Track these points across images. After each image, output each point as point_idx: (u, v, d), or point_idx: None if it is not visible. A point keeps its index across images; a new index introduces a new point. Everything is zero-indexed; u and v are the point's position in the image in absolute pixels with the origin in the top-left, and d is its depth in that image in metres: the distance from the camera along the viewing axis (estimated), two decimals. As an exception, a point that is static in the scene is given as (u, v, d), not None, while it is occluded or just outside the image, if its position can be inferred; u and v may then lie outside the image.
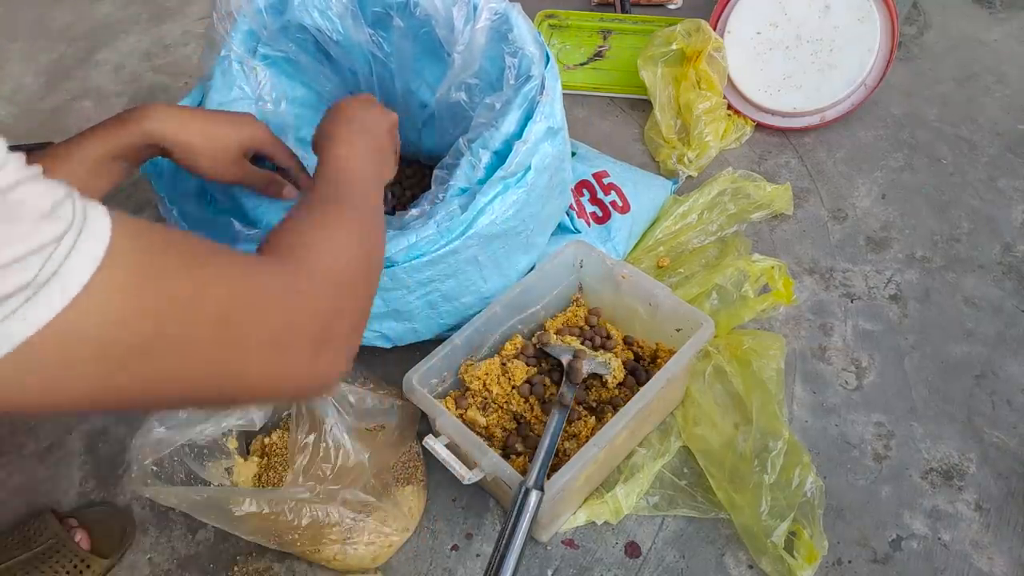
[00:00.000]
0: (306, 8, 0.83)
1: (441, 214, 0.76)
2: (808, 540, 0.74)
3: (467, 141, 0.79)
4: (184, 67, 1.53)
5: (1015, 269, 1.01)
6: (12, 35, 1.65)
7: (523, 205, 0.79)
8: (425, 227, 0.75)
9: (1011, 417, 0.86)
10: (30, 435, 0.93)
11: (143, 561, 0.81)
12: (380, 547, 0.76)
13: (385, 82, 0.96)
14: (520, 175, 0.78)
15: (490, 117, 0.78)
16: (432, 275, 0.78)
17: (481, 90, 0.84)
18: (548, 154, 0.80)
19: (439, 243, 0.76)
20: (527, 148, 0.77)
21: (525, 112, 0.78)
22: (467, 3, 0.80)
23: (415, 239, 0.75)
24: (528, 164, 0.78)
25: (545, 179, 0.81)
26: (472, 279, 0.82)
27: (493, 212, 0.77)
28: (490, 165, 0.78)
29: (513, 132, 0.77)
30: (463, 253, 0.78)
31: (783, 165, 1.18)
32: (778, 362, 0.86)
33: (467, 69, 0.82)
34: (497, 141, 0.77)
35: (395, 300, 0.79)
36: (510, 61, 0.79)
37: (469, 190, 0.78)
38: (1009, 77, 1.31)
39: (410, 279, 0.77)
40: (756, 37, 1.17)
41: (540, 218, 0.85)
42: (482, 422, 0.79)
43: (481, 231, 0.77)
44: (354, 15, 0.85)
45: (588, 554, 0.78)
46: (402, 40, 0.88)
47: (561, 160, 0.84)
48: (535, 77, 0.78)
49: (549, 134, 0.79)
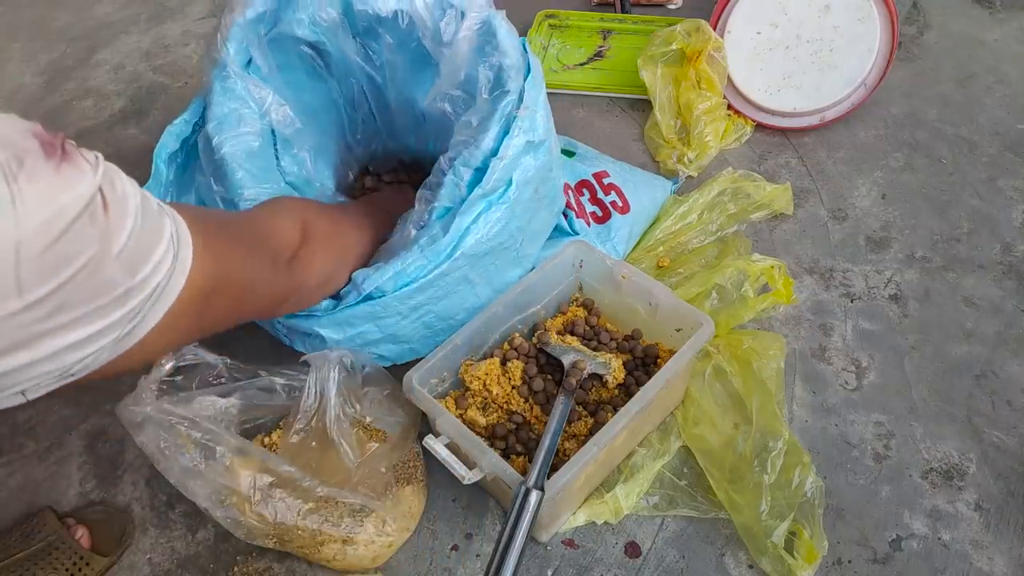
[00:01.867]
0: (296, 21, 0.83)
1: (424, 238, 0.76)
2: (808, 540, 0.74)
3: (448, 160, 0.78)
4: (184, 67, 1.53)
5: (1015, 269, 1.01)
6: (12, 35, 1.65)
7: (508, 220, 0.78)
8: (410, 253, 0.75)
9: (1011, 417, 0.86)
10: (30, 435, 0.93)
11: (143, 561, 0.81)
12: (380, 547, 0.76)
13: (378, 91, 0.96)
14: (502, 191, 0.78)
15: (468, 134, 0.78)
16: (424, 299, 0.78)
17: (464, 102, 0.83)
18: (531, 167, 0.79)
19: (427, 268, 0.76)
20: (505, 164, 0.76)
21: (503, 127, 0.77)
22: (455, 13, 0.79)
23: (401, 267, 0.75)
24: (508, 179, 0.77)
25: (529, 192, 0.80)
26: (465, 297, 0.82)
27: (478, 231, 0.77)
28: (471, 182, 0.77)
29: (492, 148, 0.76)
30: (452, 274, 0.78)
31: (783, 165, 1.18)
32: (778, 362, 0.86)
33: (452, 79, 0.82)
34: (477, 159, 0.76)
35: (390, 327, 0.79)
36: (484, 75, 0.78)
37: (452, 209, 0.77)
38: (1009, 77, 1.31)
39: (402, 306, 0.77)
40: (756, 37, 1.17)
41: (528, 231, 0.84)
42: (482, 422, 0.79)
43: (468, 251, 0.77)
44: (343, 28, 0.85)
45: (588, 554, 0.78)
46: (393, 52, 0.88)
47: (547, 170, 0.83)
48: (511, 92, 0.77)
49: (530, 148, 0.78)
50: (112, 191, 0.43)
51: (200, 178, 0.86)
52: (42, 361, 0.41)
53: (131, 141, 1.35)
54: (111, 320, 0.43)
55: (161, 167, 0.86)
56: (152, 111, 1.42)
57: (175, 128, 0.88)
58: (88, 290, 0.41)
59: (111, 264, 0.42)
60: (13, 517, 0.83)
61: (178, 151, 0.88)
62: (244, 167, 0.82)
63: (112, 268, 0.42)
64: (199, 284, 0.50)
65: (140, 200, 0.45)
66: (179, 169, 0.89)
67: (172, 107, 1.42)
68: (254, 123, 0.84)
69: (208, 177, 0.83)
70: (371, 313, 0.77)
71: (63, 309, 0.40)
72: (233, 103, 0.83)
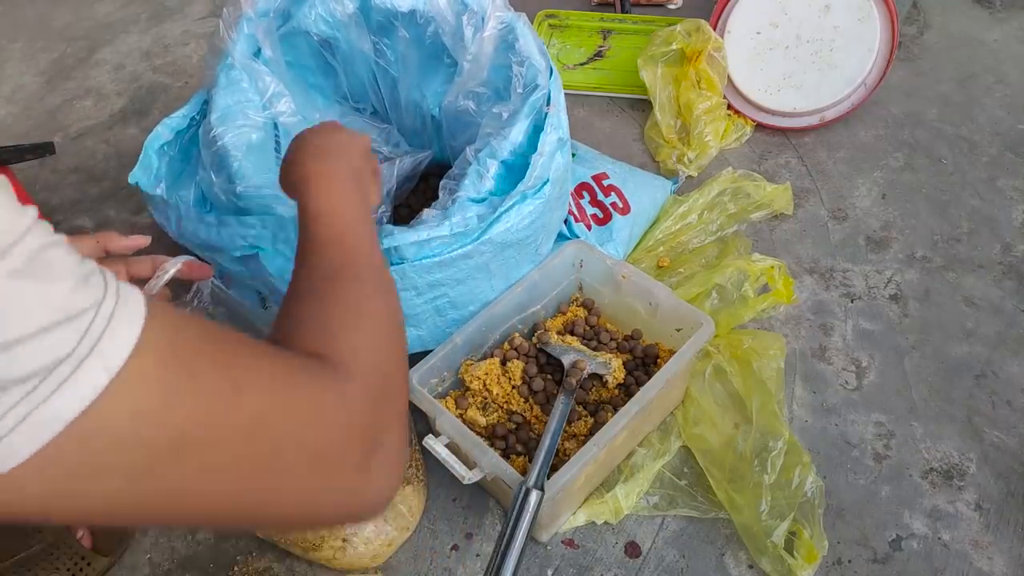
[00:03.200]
0: (311, 16, 0.83)
1: (456, 218, 0.75)
2: (808, 540, 0.74)
3: (474, 151, 0.79)
4: (184, 67, 1.53)
5: (1015, 269, 1.01)
6: (12, 35, 1.65)
7: (537, 216, 0.79)
8: (440, 227, 0.74)
9: (1011, 417, 0.86)
10: (30, 435, 0.93)
11: (143, 561, 0.81)
12: (380, 546, 0.76)
13: (390, 89, 0.96)
14: (538, 187, 0.78)
15: (497, 127, 0.78)
16: (442, 278, 0.78)
17: (488, 99, 0.84)
18: (560, 165, 0.80)
19: (452, 247, 0.76)
20: (543, 160, 0.77)
21: (533, 122, 0.78)
22: (475, 12, 0.80)
23: (427, 235, 0.73)
24: (546, 177, 0.78)
25: (557, 190, 0.81)
26: (481, 287, 0.82)
27: (509, 220, 0.77)
28: (498, 175, 0.77)
29: (520, 142, 0.77)
30: (475, 259, 0.77)
31: (783, 165, 1.18)
32: (778, 362, 0.86)
33: (475, 78, 0.82)
34: (505, 151, 0.77)
35: (404, 302, 0.79)
36: (517, 70, 0.79)
37: (482, 200, 0.77)
38: (1009, 77, 1.31)
39: (420, 279, 0.77)
40: (756, 37, 1.17)
41: (549, 228, 0.85)
42: (482, 422, 0.79)
43: (495, 238, 0.77)
44: (358, 23, 0.85)
45: (588, 554, 0.78)
46: (407, 48, 0.88)
47: (568, 170, 0.84)
48: (542, 87, 0.78)
49: (560, 145, 0.79)
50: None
51: (201, 172, 0.86)
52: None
53: (131, 141, 1.35)
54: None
55: (151, 156, 0.86)
56: (152, 111, 1.42)
57: (171, 121, 0.88)
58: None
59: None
60: (13, 517, 0.83)
61: (172, 143, 0.88)
62: (245, 158, 0.82)
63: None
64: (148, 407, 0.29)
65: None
66: (171, 162, 0.89)
67: (172, 107, 1.41)
68: (257, 115, 0.84)
69: (208, 171, 0.83)
70: None
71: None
72: (237, 95, 0.84)
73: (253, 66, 0.84)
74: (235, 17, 0.82)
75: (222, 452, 0.32)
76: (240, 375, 0.34)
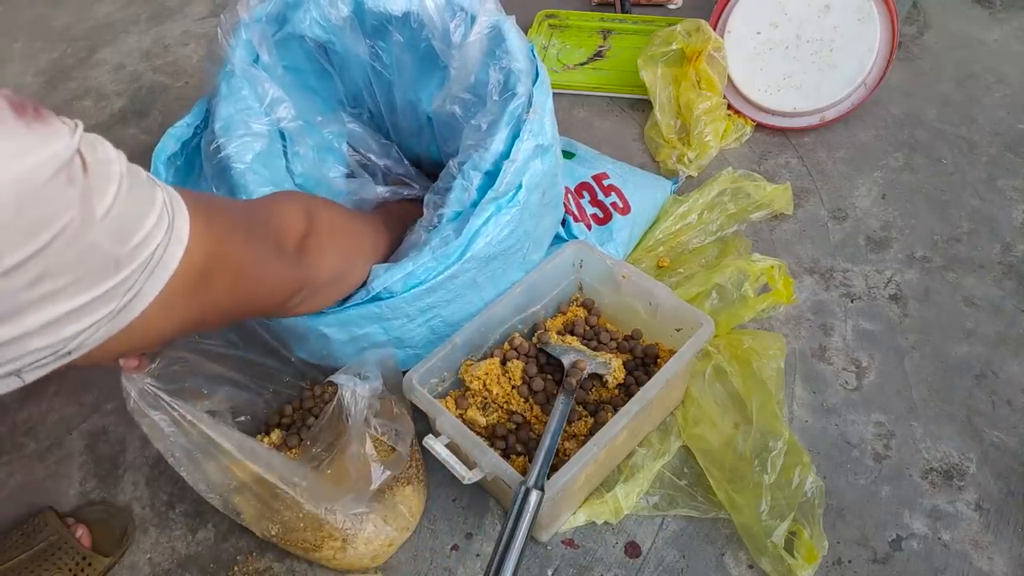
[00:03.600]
0: (307, 21, 0.83)
1: (436, 240, 0.75)
2: (808, 540, 0.74)
3: (457, 164, 0.78)
4: (184, 67, 1.53)
5: (1015, 269, 1.01)
6: (12, 35, 1.65)
7: (517, 224, 0.78)
8: (421, 255, 0.75)
9: (1011, 417, 0.86)
10: (30, 435, 0.93)
11: (143, 561, 0.81)
12: (380, 546, 0.76)
13: (385, 92, 0.96)
14: (511, 195, 0.78)
15: (478, 138, 0.78)
16: (432, 302, 0.78)
17: (474, 104, 0.83)
18: (539, 171, 0.79)
19: (437, 270, 0.76)
20: (516, 167, 0.76)
21: (512, 130, 0.77)
22: (465, 16, 0.79)
23: (412, 267, 0.75)
24: (518, 183, 0.77)
25: (537, 196, 0.80)
26: (472, 301, 0.82)
27: (488, 234, 0.76)
28: (482, 186, 0.77)
29: (502, 152, 0.76)
30: (461, 277, 0.77)
31: (783, 165, 1.19)
32: (778, 362, 0.86)
33: (461, 82, 0.82)
34: (487, 162, 0.76)
35: (396, 329, 0.79)
36: (495, 77, 0.78)
37: (463, 214, 0.77)
38: (1009, 77, 1.31)
39: (410, 307, 0.77)
40: (756, 37, 1.17)
41: (535, 236, 0.84)
42: (482, 422, 0.79)
43: (478, 254, 0.76)
44: (353, 27, 0.85)
45: (588, 554, 0.78)
46: (402, 52, 0.88)
47: (553, 176, 0.83)
48: (520, 95, 0.77)
49: (539, 151, 0.78)
50: (93, 154, 0.41)
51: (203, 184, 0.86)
52: (31, 335, 0.39)
53: (131, 141, 1.35)
54: (102, 291, 0.41)
55: (160, 168, 0.86)
56: (152, 111, 1.42)
57: (176, 130, 0.88)
58: (71, 257, 0.39)
59: (95, 229, 0.40)
60: (14, 517, 0.83)
61: (178, 153, 0.88)
62: (252, 168, 0.81)
63: (96, 234, 0.40)
64: (197, 260, 0.48)
65: (126, 167, 0.43)
66: (178, 172, 0.89)
67: (172, 107, 1.42)
68: (259, 124, 0.84)
69: (210, 184, 0.83)
70: (378, 314, 0.77)
71: (46, 277, 0.38)
72: (239, 103, 0.83)
73: (253, 72, 0.83)
74: (232, 23, 0.81)
75: (238, 267, 0.54)
76: (240, 233, 0.56)
